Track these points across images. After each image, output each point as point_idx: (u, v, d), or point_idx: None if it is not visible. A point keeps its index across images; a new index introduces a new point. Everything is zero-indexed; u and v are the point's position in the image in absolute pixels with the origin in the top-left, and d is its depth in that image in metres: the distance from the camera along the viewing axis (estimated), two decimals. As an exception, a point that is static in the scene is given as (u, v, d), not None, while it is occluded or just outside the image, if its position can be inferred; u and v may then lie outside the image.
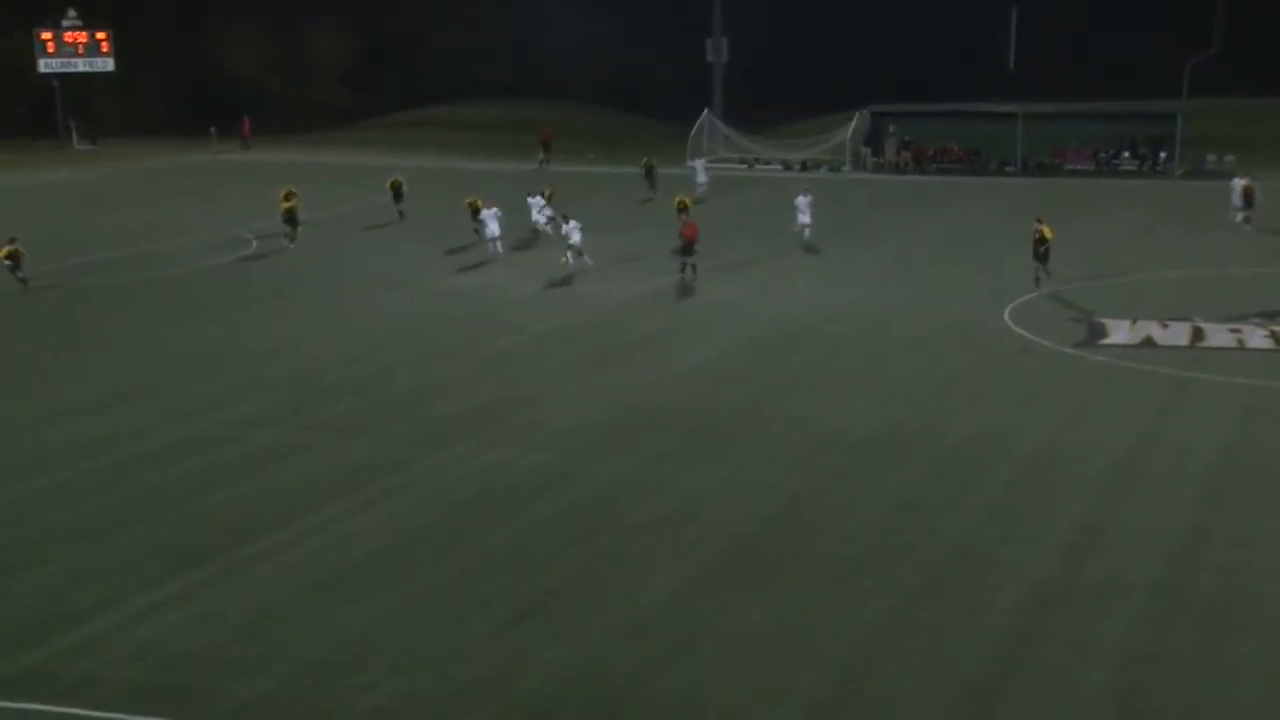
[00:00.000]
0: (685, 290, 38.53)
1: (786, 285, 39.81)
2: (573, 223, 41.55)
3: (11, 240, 38.46)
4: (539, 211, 47.11)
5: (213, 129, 78.82)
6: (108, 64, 79.78)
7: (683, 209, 45.98)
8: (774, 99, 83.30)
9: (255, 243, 46.36)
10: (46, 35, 78.16)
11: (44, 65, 78.58)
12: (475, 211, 44.99)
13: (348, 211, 53.06)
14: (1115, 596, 18.18)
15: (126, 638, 17.16)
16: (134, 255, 44.37)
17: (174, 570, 19.25)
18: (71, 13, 78.65)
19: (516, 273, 41.49)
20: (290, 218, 44.00)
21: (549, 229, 45.70)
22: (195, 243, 46.75)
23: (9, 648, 16.81)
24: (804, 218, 45.66)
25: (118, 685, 15.92)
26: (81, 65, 79.24)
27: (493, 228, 42.99)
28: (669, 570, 19.26)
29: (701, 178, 59.31)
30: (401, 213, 50.95)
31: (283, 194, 45.11)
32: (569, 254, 41.16)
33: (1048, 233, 38.28)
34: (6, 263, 38.17)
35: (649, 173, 59.34)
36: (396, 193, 51.94)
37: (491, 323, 35.11)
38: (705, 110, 74.21)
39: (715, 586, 18.72)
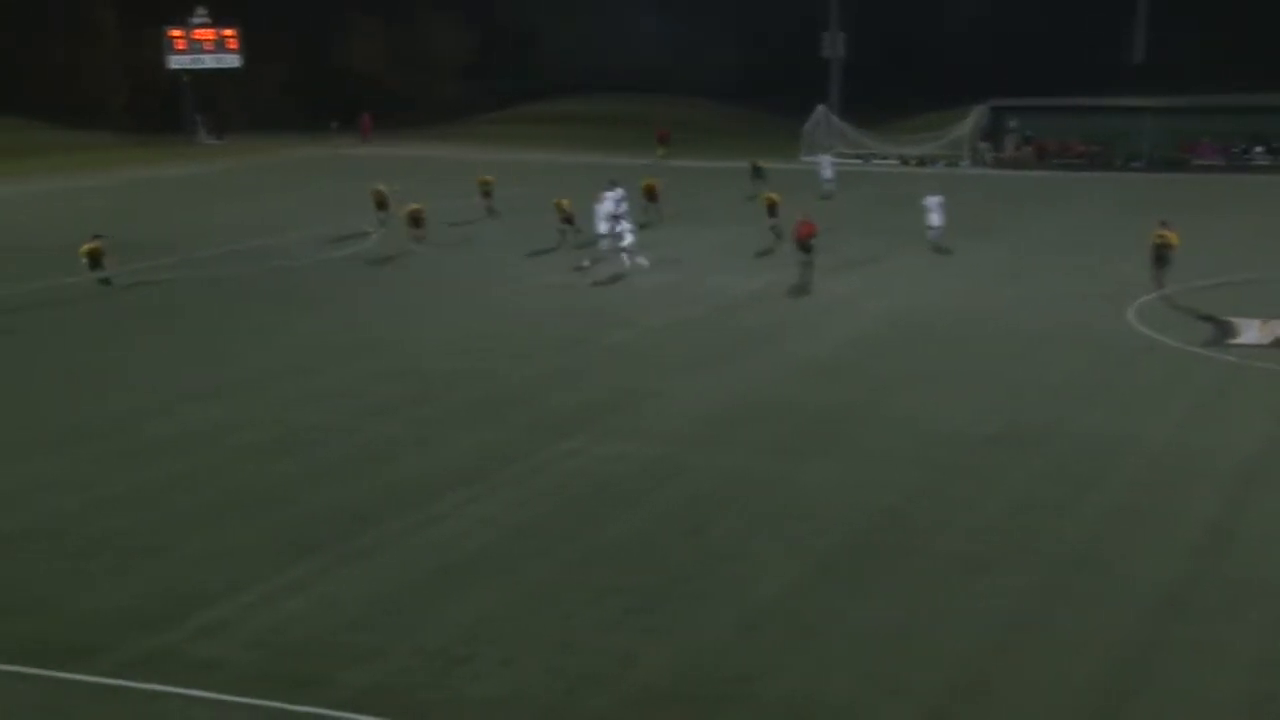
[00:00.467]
0: (801, 286, 38.17)
1: (903, 281, 39.27)
2: (625, 224, 41.49)
3: (96, 237, 38.35)
4: (612, 206, 46.28)
5: (334, 124, 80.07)
6: (234, 61, 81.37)
7: (771, 207, 45.04)
8: (889, 94, 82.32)
9: (374, 236, 46.85)
10: (176, 33, 79.91)
11: (173, 62, 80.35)
12: (565, 214, 44.34)
13: (463, 206, 53.40)
14: (1247, 600, 17.57)
15: (248, 623, 17.35)
16: (255, 248, 45.09)
17: (294, 557, 19.44)
18: (201, 11, 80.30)
19: (630, 266, 41.40)
20: (416, 221, 43.52)
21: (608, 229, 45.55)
22: (315, 236, 47.38)
23: (138, 629, 17.08)
24: (934, 218, 44.33)
25: (240, 669, 16.09)
26: (209, 62, 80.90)
27: (604, 225, 42.64)
28: (783, 566, 19.02)
29: (828, 174, 58.38)
30: (490, 210, 50.63)
31: (409, 209, 44.43)
32: (625, 256, 40.86)
33: (1173, 239, 37.01)
34: (84, 260, 37.69)
35: (756, 170, 58.79)
36: (486, 191, 51.92)
37: (606, 316, 35.09)
38: (821, 105, 73.58)
39: (829, 583, 18.44)
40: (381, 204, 47.53)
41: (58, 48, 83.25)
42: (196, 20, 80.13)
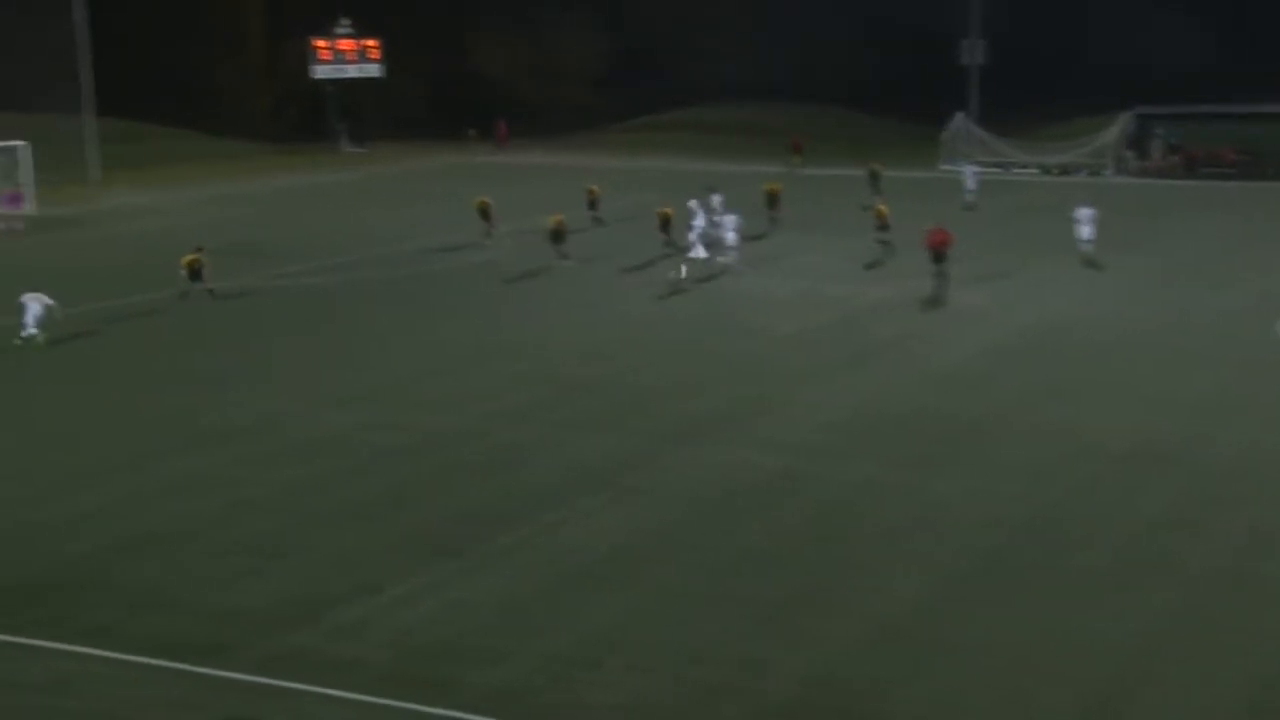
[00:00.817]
0: (935, 297, 37.70)
1: (1042, 292, 38.59)
2: (698, 226, 41.63)
3: (198, 249, 38.63)
4: (701, 217, 46.22)
5: (471, 132, 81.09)
6: (376, 70, 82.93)
7: (880, 218, 44.09)
8: (1028, 100, 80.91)
9: (508, 242, 47.36)
10: (321, 43, 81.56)
11: (318, 72, 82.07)
12: (665, 222, 44.12)
13: (593, 213, 53.58)
14: (1398, 627, 16.94)
15: (381, 624, 17.65)
16: (392, 253, 45.84)
17: (427, 560, 19.73)
18: (344, 21, 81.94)
19: (760, 274, 41.30)
20: (558, 236, 43.20)
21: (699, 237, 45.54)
22: (450, 241, 48.02)
23: (275, 628, 17.48)
24: (1085, 230, 42.82)
25: (373, 670, 16.37)
26: (352, 71, 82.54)
27: (732, 237, 42.18)
28: (914, 579, 18.81)
29: (971, 184, 56.99)
30: (598, 219, 50.39)
31: (553, 220, 44.26)
32: (721, 258, 40.91)
33: None
34: (184, 271, 37.74)
35: (874, 178, 57.89)
36: (591, 202, 52.05)
37: (734, 324, 35.04)
38: (959, 113, 72.60)
39: (961, 597, 18.19)
40: (485, 214, 47.64)
41: (207, 59, 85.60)
42: (340, 31, 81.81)
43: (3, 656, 16.74)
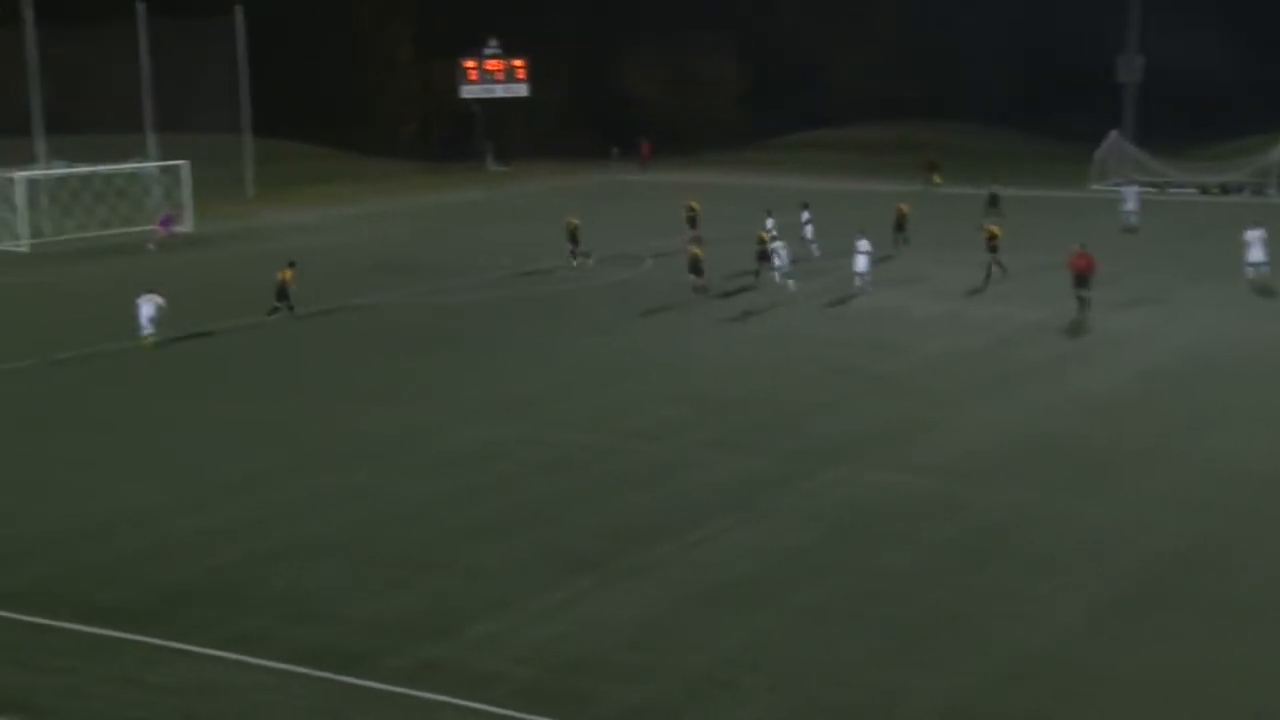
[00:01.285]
0: (1079, 322, 36.84)
1: (1198, 317, 37.50)
2: (780, 243, 41.34)
3: (290, 265, 38.84)
4: (804, 227, 46.73)
5: (615, 150, 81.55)
6: (523, 90, 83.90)
7: (992, 239, 42.90)
8: (1183, 118, 78.82)
9: (650, 262, 47.49)
10: (470, 64, 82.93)
11: (465, 91, 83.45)
12: (762, 245, 43.54)
13: (736, 233, 53.43)
14: None
15: (519, 638, 17.74)
16: (534, 270, 46.24)
17: (564, 575, 19.80)
18: (493, 42, 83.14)
19: (903, 294, 40.82)
20: (695, 266, 42.80)
21: (816, 248, 45.60)
22: (592, 259, 48.26)
23: (415, 639, 17.68)
24: (1255, 253, 41.12)
25: (510, 683, 16.46)
26: (499, 91, 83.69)
27: (862, 263, 41.30)
28: (1061, 608, 18.34)
29: (1131, 205, 54.94)
30: (697, 239, 49.77)
31: (693, 244, 44.17)
32: (777, 275, 40.53)
33: None
34: (277, 286, 37.77)
35: (993, 199, 56.28)
36: (692, 220, 51.87)
37: (878, 344, 34.65)
38: (1114, 131, 71.01)
39: (1110, 628, 17.69)
40: (574, 237, 47.57)
41: (361, 81, 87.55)
42: (488, 52, 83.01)
43: (154, 660, 17.19)
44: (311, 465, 25.12)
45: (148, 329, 34.52)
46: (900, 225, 49.18)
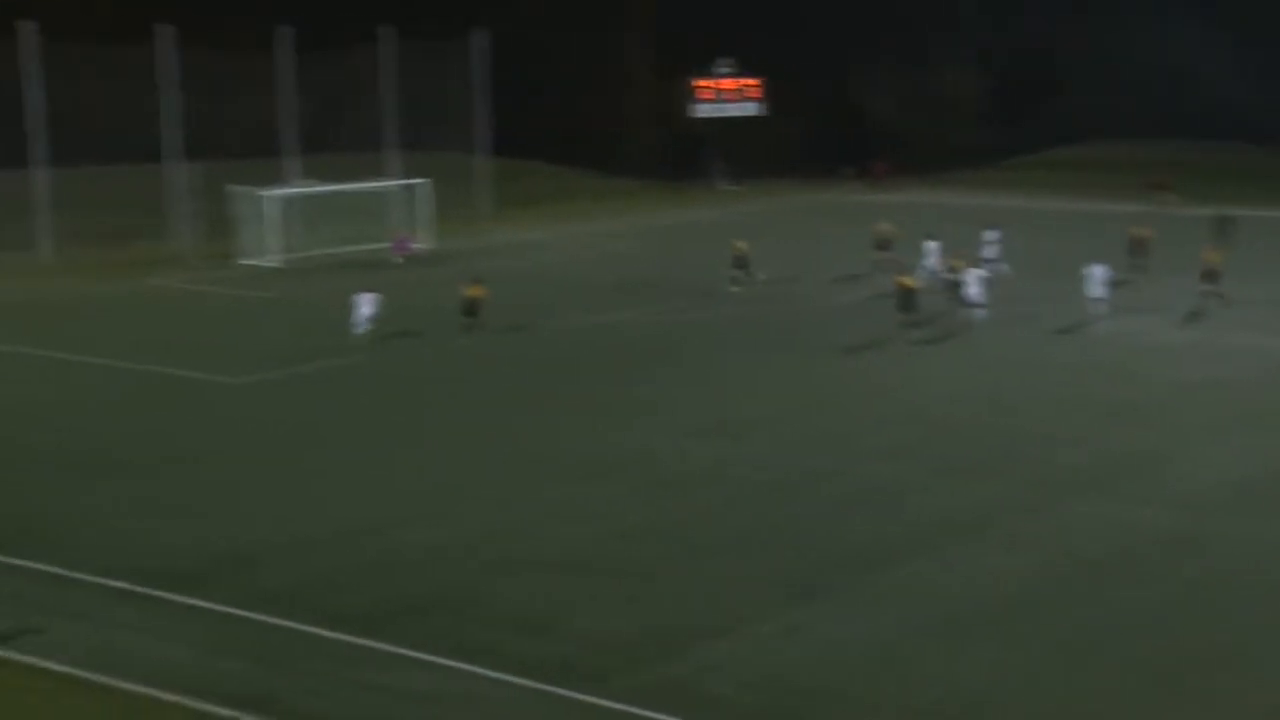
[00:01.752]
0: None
1: None
2: (976, 271, 39.74)
3: (477, 281, 39.04)
4: (934, 257, 44.90)
5: (849, 170, 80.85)
6: (755, 108, 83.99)
7: (1210, 270, 40.37)
8: None
9: (737, 289, 46.93)
10: (702, 83, 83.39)
11: (698, 110, 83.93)
12: (955, 273, 41.94)
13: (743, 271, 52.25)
14: None
15: (748, 662, 17.62)
16: (764, 290, 46.08)
17: (794, 600, 19.61)
18: (727, 61, 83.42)
19: (1148, 321, 39.30)
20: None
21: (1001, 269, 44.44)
22: (822, 279, 47.92)
23: (644, 658, 17.74)
24: None
25: (739, 710, 16.35)
26: (731, 110, 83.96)
27: (1098, 291, 39.71)
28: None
29: None
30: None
31: (956, 261, 43.25)
32: (968, 307, 38.73)
33: None
34: (464, 302, 37.87)
35: (1222, 223, 53.01)
36: (739, 260, 50.79)
37: (1122, 371, 33.44)
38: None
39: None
40: (743, 261, 47.13)
41: (598, 99, 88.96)
42: (722, 70, 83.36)
43: (391, 666, 17.65)
44: (543, 480, 25.48)
45: (363, 326, 36.35)
46: (1138, 250, 47.27)
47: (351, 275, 43.50)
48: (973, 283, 39.40)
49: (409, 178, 58.71)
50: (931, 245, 45.81)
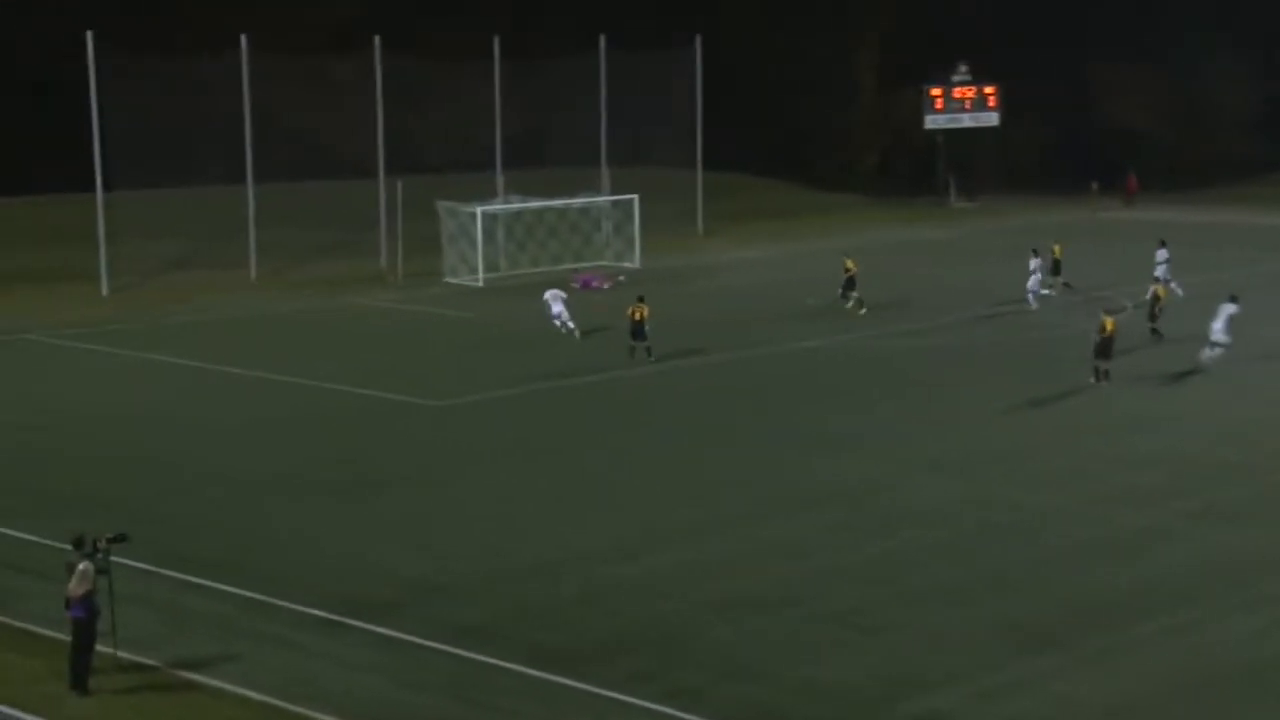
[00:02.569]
0: None
1: None
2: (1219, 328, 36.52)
3: (639, 300, 39.07)
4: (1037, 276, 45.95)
5: (1094, 184, 78.88)
6: (992, 119, 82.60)
7: None
8: None
9: (1130, 307, 45.74)
10: (936, 92, 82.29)
11: (930, 122, 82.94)
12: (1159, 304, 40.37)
13: (1245, 274, 50.60)
14: None
15: (975, 717, 17.39)
16: (995, 314, 45.38)
17: (1026, 651, 19.33)
18: (963, 68, 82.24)
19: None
20: (849, 284, 40.78)
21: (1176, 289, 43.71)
22: (1062, 303, 46.96)
23: (857, 708, 17.70)
24: None
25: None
26: (966, 121, 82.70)
27: (1219, 333, 37.51)
28: None
29: None
30: (847, 297, 46.91)
31: (1154, 292, 42.42)
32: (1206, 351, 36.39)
33: None
34: (632, 319, 38.19)
35: None
36: (1056, 266, 49.08)
37: None
38: None
39: None
40: (850, 282, 46.33)
41: (820, 110, 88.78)
42: (956, 79, 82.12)
43: (591, 707, 17.96)
44: (755, 515, 25.59)
45: (569, 324, 40.37)
46: None
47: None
48: (1220, 322, 37.42)
49: (620, 193, 59.50)
50: (1160, 254, 45.75)
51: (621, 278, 53.33)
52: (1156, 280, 43.63)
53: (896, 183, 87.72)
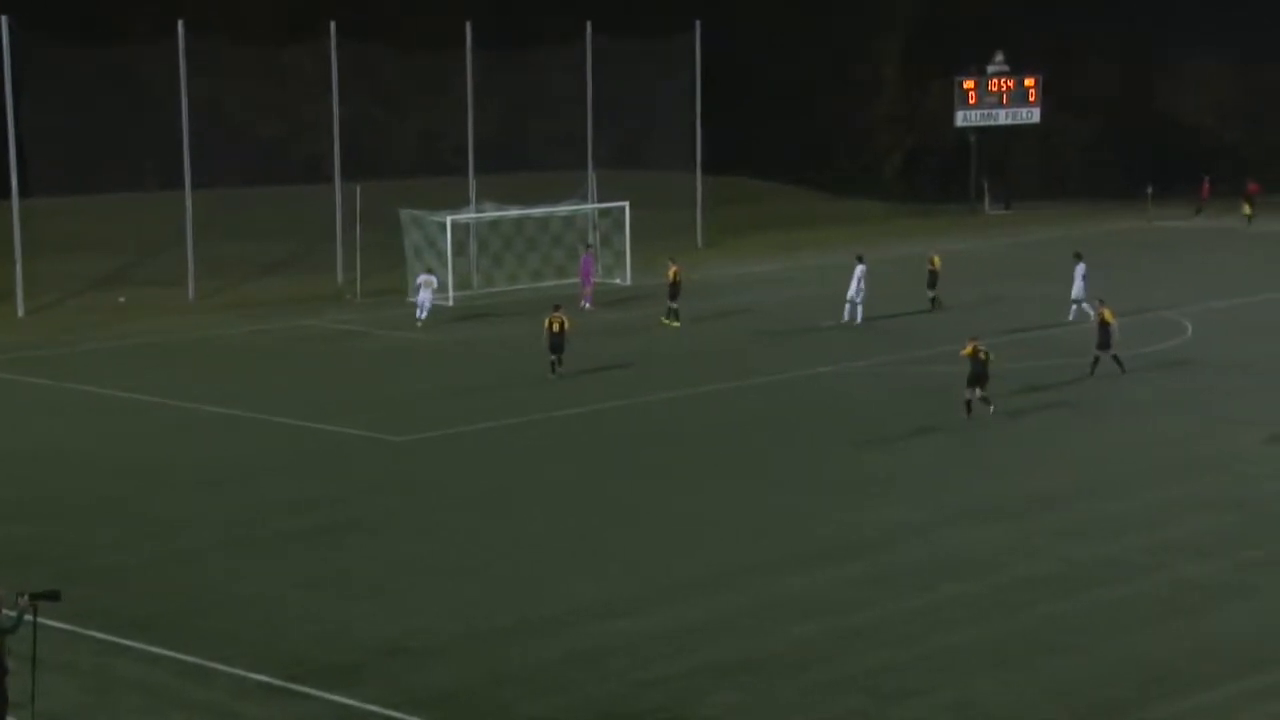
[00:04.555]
0: None
1: None
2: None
3: (556, 309, 40.36)
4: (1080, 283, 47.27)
5: (1149, 189, 78.93)
6: (1033, 115, 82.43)
7: None
8: None
9: (1190, 329, 45.85)
10: (969, 84, 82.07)
11: (961, 118, 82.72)
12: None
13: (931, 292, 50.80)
14: None
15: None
16: (1035, 338, 45.47)
17: (1078, 721, 19.33)
18: (999, 57, 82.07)
19: None
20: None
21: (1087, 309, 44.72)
22: (1125, 325, 46.98)
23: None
24: None
25: None
26: (1003, 117, 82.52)
27: None
28: None
29: None
30: (935, 300, 47.29)
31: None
32: None
33: None
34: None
35: None
36: (932, 280, 50.31)
37: None
38: None
39: None
40: (933, 279, 48.92)
41: (835, 104, 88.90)
42: (992, 69, 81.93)
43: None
44: (765, 567, 25.57)
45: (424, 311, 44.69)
46: None
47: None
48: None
49: (607, 200, 59.43)
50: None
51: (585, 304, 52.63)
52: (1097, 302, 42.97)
53: (922, 187, 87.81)
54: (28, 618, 17.98)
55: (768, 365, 41.75)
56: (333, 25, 56.34)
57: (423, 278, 48.62)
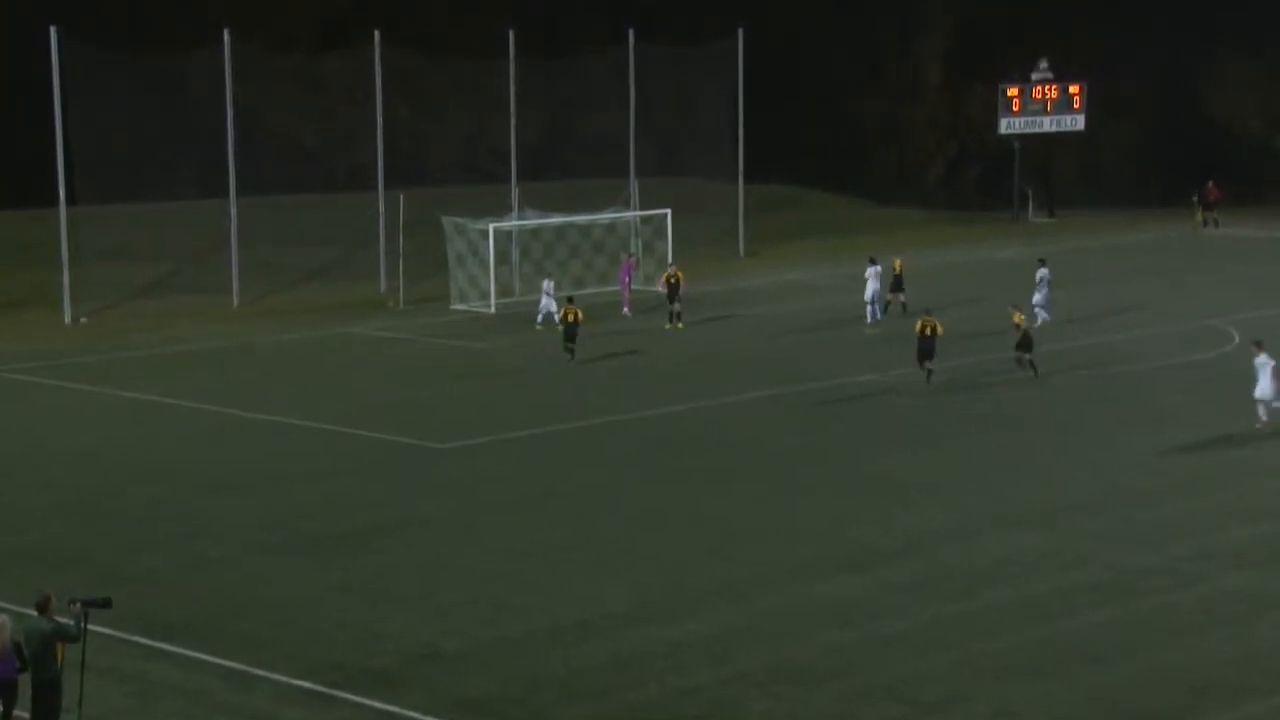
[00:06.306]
0: None
1: None
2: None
3: (569, 301, 41.71)
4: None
5: (1195, 197, 78.44)
6: (1077, 122, 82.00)
7: None
8: None
9: (1237, 338, 45.57)
10: (1013, 91, 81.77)
11: (1005, 125, 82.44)
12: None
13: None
14: None
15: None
16: (1086, 346, 45.27)
17: (1115, 730, 19.26)
18: (1043, 64, 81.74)
19: None
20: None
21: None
22: (1160, 335, 46.82)
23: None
24: None
25: None
26: (1047, 124, 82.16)
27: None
28: None
29: None
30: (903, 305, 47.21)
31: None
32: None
33: None
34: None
35: None
36: (897, 282, 50.67)
37: None
38: None
39: None
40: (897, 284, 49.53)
41: (878, 112, 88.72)
42: (1037, 76, 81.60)
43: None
44: (802, 572, 25.57)
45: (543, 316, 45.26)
46: None
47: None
48: (1264, 372, 36.70)
49: (648, 208, 59.42)
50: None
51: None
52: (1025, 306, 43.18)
53: (964, 195, 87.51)
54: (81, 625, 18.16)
55: (807, 372, 41.67)
56: (376, 34, 56.62)
57: (547, 284, 49.99)
